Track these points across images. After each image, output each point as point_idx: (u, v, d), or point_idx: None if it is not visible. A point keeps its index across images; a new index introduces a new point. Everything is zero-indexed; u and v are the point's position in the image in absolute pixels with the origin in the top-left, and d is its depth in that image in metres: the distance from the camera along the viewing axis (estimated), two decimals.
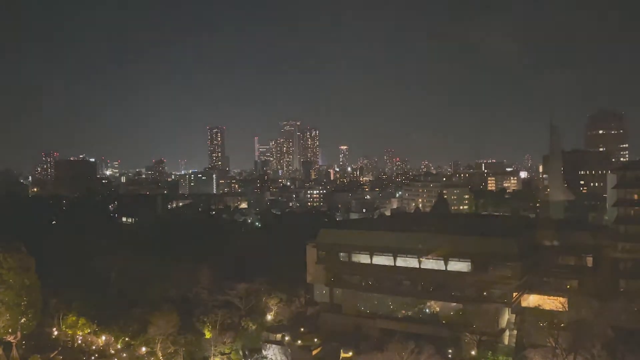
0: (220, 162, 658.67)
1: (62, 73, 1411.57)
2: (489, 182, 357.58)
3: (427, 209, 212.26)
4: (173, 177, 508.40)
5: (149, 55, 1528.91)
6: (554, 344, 69.34)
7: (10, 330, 79.74)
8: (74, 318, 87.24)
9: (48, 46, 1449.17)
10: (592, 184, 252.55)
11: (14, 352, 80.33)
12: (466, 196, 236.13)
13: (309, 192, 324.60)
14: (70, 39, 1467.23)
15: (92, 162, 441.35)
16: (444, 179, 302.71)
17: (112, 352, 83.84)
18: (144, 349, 79.95)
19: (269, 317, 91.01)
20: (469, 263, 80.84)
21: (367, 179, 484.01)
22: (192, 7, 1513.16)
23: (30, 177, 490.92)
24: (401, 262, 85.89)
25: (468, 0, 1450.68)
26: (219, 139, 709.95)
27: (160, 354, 78.36)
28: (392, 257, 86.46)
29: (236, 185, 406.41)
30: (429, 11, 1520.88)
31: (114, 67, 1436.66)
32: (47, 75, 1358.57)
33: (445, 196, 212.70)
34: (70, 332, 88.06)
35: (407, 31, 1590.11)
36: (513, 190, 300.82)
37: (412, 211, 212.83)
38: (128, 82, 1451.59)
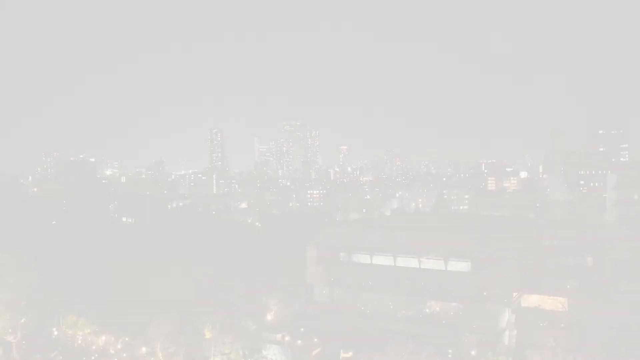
0: (220, 162, 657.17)
1: (62, 73, 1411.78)
2: (489, 182, 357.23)
3: (427, 209, 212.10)
4: (173, 177, 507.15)
5: (149, 54, 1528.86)
6: (554, 344, 69.35)
7: (10, 330, 79.82)
8: (74, 318, 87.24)
9: (48, 46, 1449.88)
10: (592, 184, 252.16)
11: (14, 352, 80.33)
12: (466, 196, 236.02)
13: (309, 192, 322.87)
14: (69, 39, 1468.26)
15: (92, 162, 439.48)
16: (444, 179, 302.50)
17: (112, 352, 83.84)
18: (144, 349, 79.95)
19: (269, 317, 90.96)
20: (469, 263, 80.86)
21: (367, 179, 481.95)
22: (192, 8, 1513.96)
23: (30, 177, 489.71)
24: (401, 262, 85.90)
25: None
26: (219, 139, 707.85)
27: (160, 354, 78.37)
28: (392, 257, 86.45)
29: (236, 185, 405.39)
30: (429, 10, 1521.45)
31: (114, 67, 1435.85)
32: (47, 75, 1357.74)
33: (445, 196, 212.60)
34: (70, 332, 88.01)
35: (408, 30, 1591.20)
36: (513, 190, 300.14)
37: (412, 211, 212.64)
38: (128, 82, 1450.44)
